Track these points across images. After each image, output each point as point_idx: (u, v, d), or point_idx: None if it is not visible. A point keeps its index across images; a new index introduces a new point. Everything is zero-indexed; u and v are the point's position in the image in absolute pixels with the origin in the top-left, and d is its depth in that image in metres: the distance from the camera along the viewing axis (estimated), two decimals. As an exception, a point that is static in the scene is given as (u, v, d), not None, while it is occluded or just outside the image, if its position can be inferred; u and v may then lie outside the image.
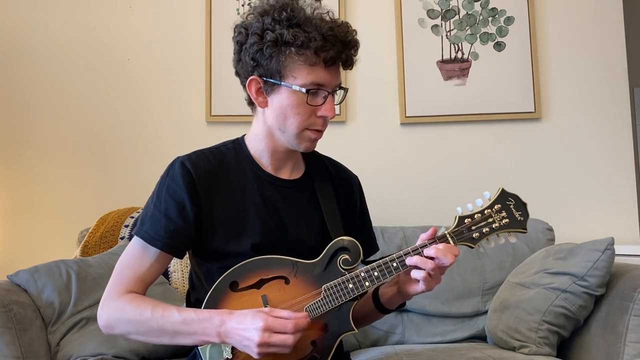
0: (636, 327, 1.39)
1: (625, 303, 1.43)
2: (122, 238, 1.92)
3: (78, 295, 1.60)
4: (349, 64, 1.18)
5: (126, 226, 1.96)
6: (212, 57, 2.34)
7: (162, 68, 2.37)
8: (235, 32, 1.19)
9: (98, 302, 1.14)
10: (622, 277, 1.52)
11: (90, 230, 1.98)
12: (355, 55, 1.18)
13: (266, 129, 1.21)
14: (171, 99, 2.37)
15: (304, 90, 1.12)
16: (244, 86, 1.20)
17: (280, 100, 1.15)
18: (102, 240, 1.93)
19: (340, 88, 1.20)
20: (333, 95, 1.17)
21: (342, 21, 1.16)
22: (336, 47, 1.12)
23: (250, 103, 1.23)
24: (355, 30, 1.17)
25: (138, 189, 2.27)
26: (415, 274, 1.08)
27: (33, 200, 2.32)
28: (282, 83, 1.13)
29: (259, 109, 1.21)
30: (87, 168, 2.33)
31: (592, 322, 1.54)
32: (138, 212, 2.01)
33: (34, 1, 2.39)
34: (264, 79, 1.15)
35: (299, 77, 1.12)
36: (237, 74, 1.22)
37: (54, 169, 2.33)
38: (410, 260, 1.09)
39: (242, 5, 2.36)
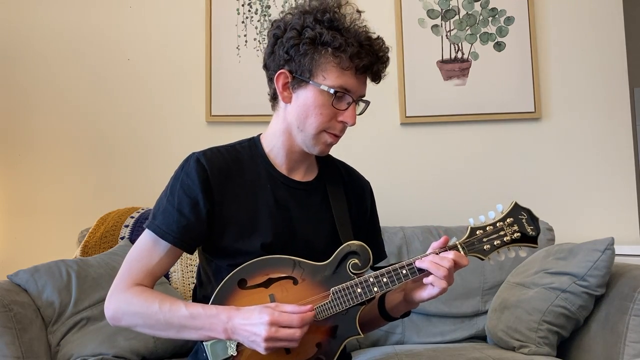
0: (636, 327, 1.39)
1: (625, 303, 1.43)
2: (122, 238, 1.92)
3: (78, 295, 1.60)
4: (377, 77, 1.20)
5: (126, 226, 1.96)
6: (212, 57, 2.33)
7: (162, 68, 2.37)
8: (273, 25, 1.20)
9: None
10: (622, 277, 1.52)
11: (90, 230, 1.98)
12: (383, 72, 1.21)
13: (285, 126, 1.21)
14: (171, 99, 2.36)
15: (331, 91, 1.14)
16: (271, 79, 1.21)
17: (306, 97, 1.16)
18: (102, 240, 1.93)
19: (363, 100, 1.21)
20: (356, 105, 1.19)
21: (378, 36, 1.19)
22: (370, 57, 1.15)
23: (273, 98, 1.24)
24: (388, 47, 1.20)
25: (138, 189, 2.27)
26: (427, 279, 1.09)
27: (33, 200, 2.32)
28: (311, 81, 1.15)
29: (280, 104, 1.22)
30: (87, 168, 2.33)
31: (592, 322, 1.54)
32: (138, 212, 2.01)
33: (35, 1, 2.39)
34: (294, 74, 1.16)
35: (329, 78, 1.14)
36: (266, 67, 1.22)
37: (54, 169, 2.33)
38: (420, 264, 1.09)
39: (242, 5, 2.36)
